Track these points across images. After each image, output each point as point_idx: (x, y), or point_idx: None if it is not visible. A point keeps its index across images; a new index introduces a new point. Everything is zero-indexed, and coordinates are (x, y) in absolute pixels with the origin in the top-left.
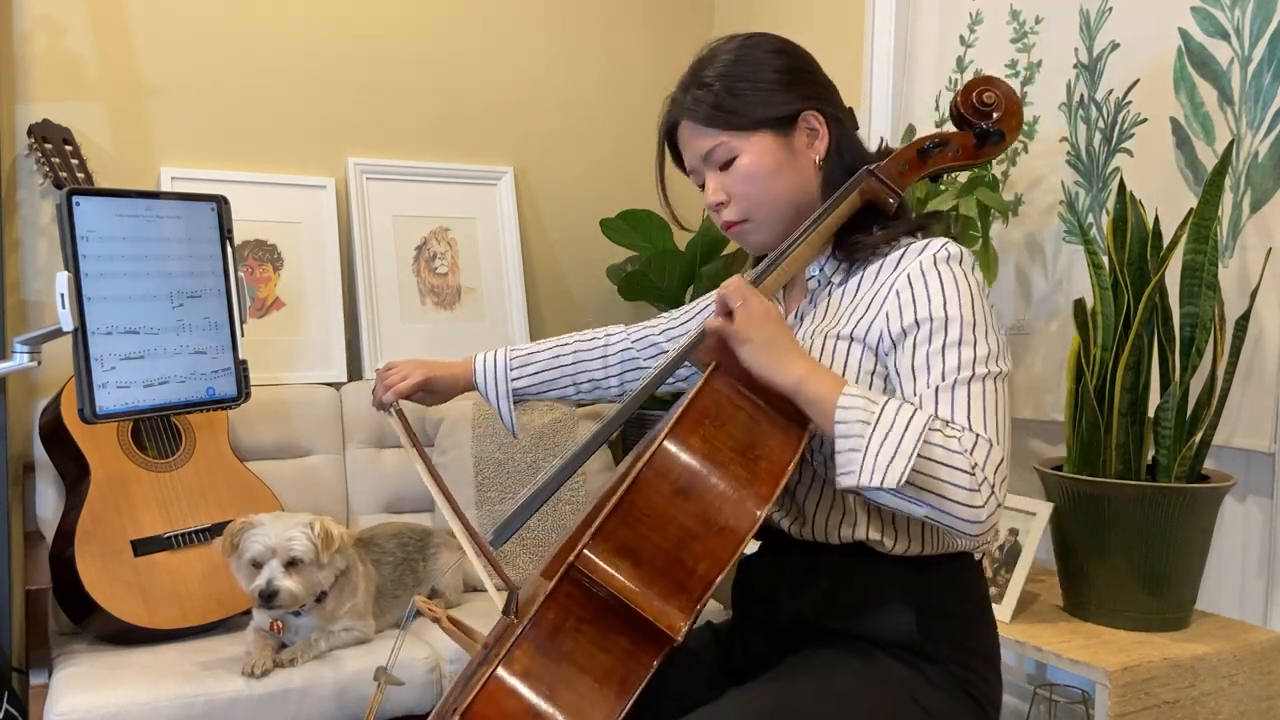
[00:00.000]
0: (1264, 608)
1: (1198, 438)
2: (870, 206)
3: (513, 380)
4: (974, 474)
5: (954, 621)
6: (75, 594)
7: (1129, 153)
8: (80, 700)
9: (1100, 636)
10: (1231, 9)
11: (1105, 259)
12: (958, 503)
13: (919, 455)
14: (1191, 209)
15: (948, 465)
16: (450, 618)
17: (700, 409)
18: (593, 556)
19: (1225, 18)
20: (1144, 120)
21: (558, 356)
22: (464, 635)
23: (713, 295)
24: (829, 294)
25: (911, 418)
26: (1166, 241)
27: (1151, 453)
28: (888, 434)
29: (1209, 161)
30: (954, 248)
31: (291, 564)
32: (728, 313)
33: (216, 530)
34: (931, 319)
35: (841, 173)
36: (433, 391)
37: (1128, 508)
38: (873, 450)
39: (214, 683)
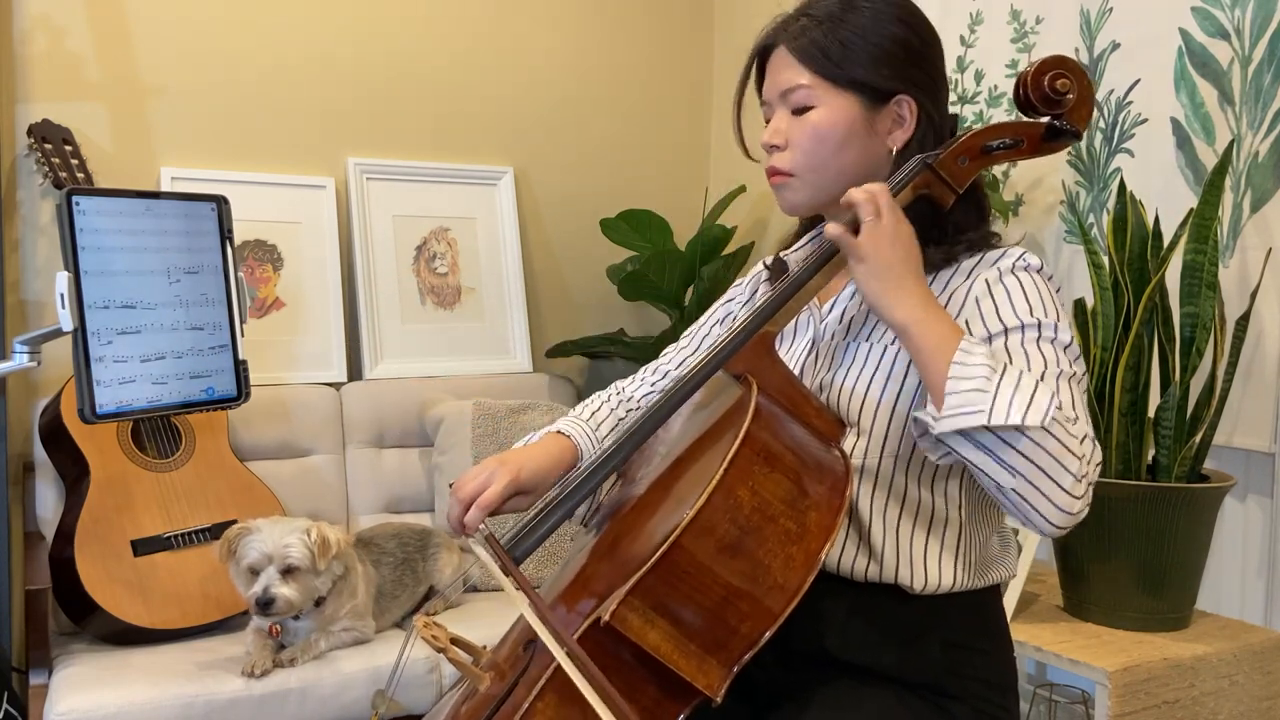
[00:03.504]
0: (1264, 608)
1: (1198, 438)
2: (923, 200)
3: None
4: (1081, 464)
5: (978, 656)
6: (75, 594)
7: (1129, 153)
8: (80, 700)
9: (1100, 636)
10: (1231, 9)
11: (1105, 259)
12: (1060, 487)
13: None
14: (1191, 209)
15: (1064, 445)
16: (454, 640)
17: (751, 450)
18: (627, 612)
19: (1225, 18)
20: (1144, 120)
21: (613, 412)
22: (470, 666)
23: (721, 300)
24: None
25: (1037, 383)
26: (1166, 241)
27: (1151, 453)
28: (1018, 384)
29: (1209, 161)
30: (1033, 258)
31: (288, 571)
32: (855, 226)
33: (216, 530)
34: (1022, 324)
35: None
36: (526, 491)
37: (1128, 508)
38: (1005, 391)
39: (214, 683)
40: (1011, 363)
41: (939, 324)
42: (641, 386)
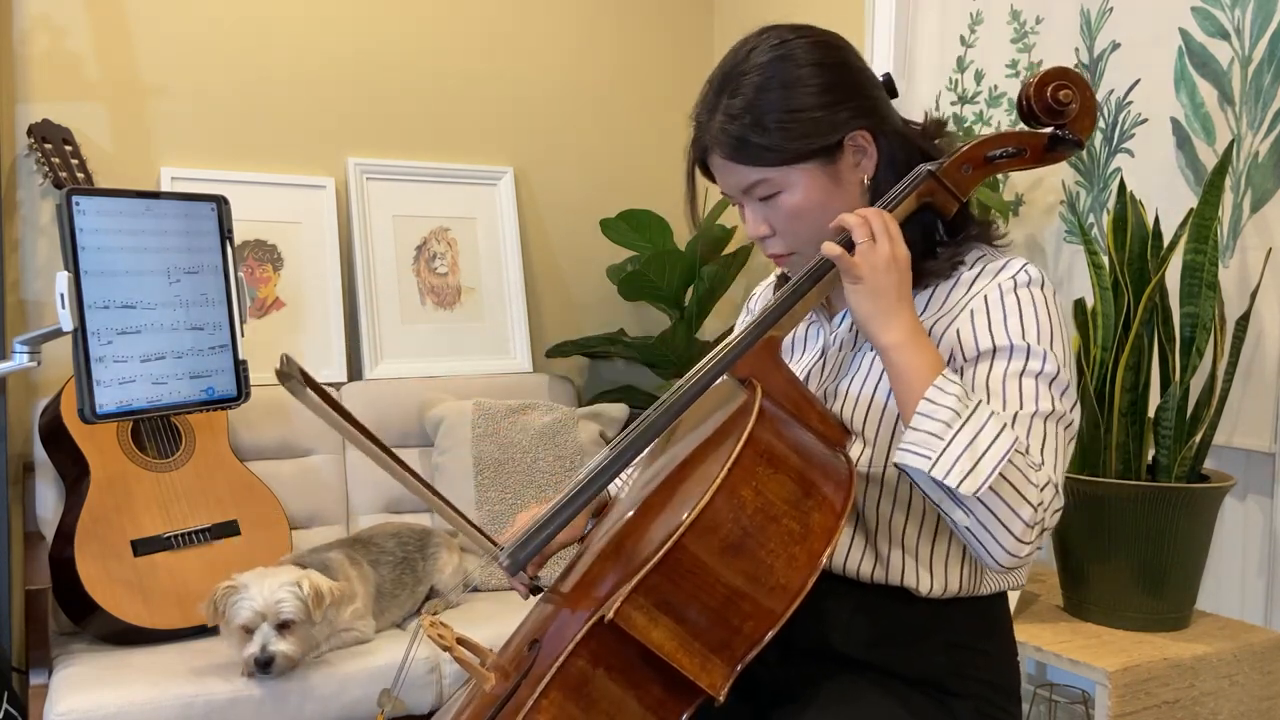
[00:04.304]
0: (1264, 608)
1: (1198, 438)
2: (927, 209)
3: None
4: (1036, 512)
5: (980, 657)
6: (75, 594)
7: (1129, 153)
8: (80, 700)
9: (1100, 636)
10: (1231, 9)
11: (1105, 259)
12: (1009, 532)
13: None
14: (1191, 209)
15: (1019, 492)
16: (460, 640)
17: (754, 451)
18: (630, 610)
19: (1225, 18)
20: (1144, 120)
21: None
22: (476, 665)
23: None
24: None
25: (1001, 431)
26: (1166, 241)
27: (1151, 453)
28: (975, 437)
29: (1209, 161)
30: (1034, 271)
31: (284, 626)
32: (851, 242)
33: (216, 530)
34: (1012, 345)
35: (894, 181)
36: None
37: (1128, 508)
38: (957, 446)
39: (214, 683)
40: (989, 399)
41: (921, 354)
42: None
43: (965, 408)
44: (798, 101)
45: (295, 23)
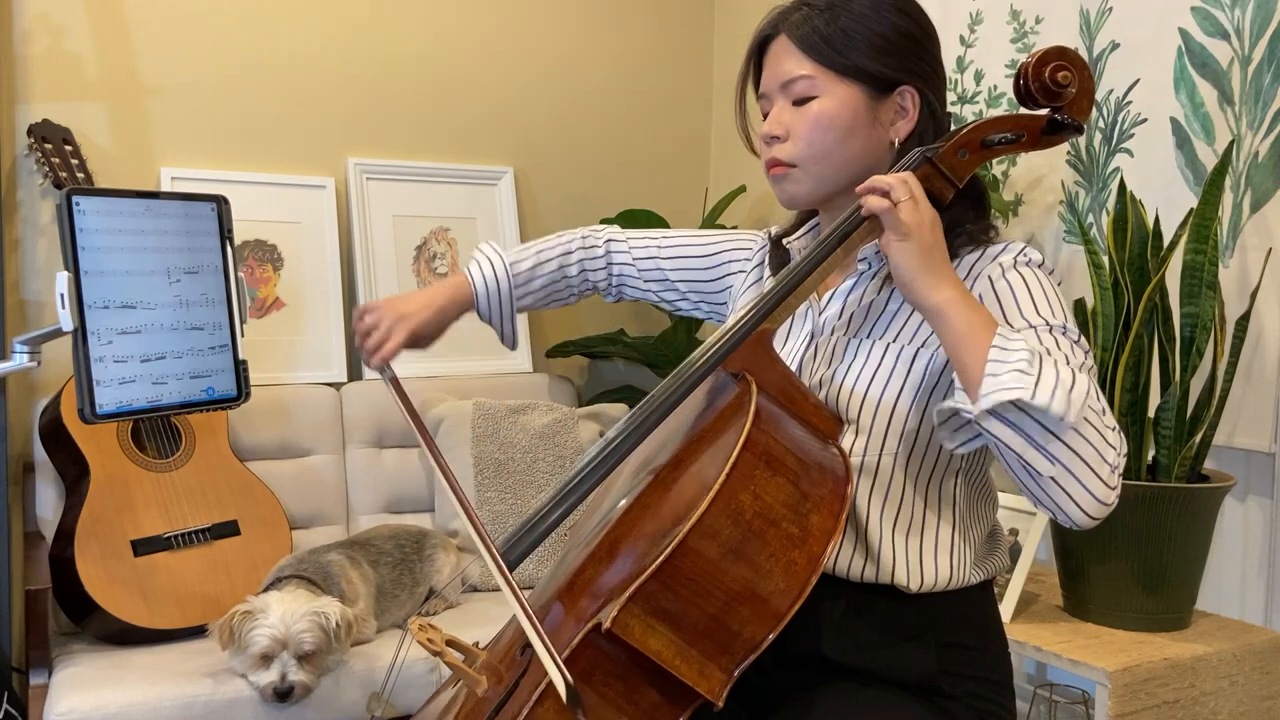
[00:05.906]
0: (1264, 608)
1: (1198, 438)
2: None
3: (518, 300)
4: (1116, 454)
5: (973, 654)
6: (75, 594)
7: (1129, 153)
8: (80, 700)
9: (1100, 636)
10: (1231, 9)
11: (1105, 259)
12: (1097, 477)
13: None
14: (1191, 209)
15: (1100, 433)
16: (450, 642)
17: (752, 454)
18: (628, 619)
19: (1225, 18)
20: (1144, 120)
21: (563, 267)
22: (466, 669)
23: (728, 237)
24: (881, 287)
25: (1075, 373)
26: (1166, 241)
27: (1151, 453)
28: (1058, 375)
29: (1209, 161)
30: (1034, 253)
31: (303, 656)
32: (890, 199)
33: (216, 530)
34: (1029, 325)
35: None
36: (422, 340)
37: (1128, 508)
38: (1048, 376)
39: (214, 683)
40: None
41: (977, 309)
42: (623, 254)
43: (1037, 351)
44: (879, 25)
45: (295, 23)
